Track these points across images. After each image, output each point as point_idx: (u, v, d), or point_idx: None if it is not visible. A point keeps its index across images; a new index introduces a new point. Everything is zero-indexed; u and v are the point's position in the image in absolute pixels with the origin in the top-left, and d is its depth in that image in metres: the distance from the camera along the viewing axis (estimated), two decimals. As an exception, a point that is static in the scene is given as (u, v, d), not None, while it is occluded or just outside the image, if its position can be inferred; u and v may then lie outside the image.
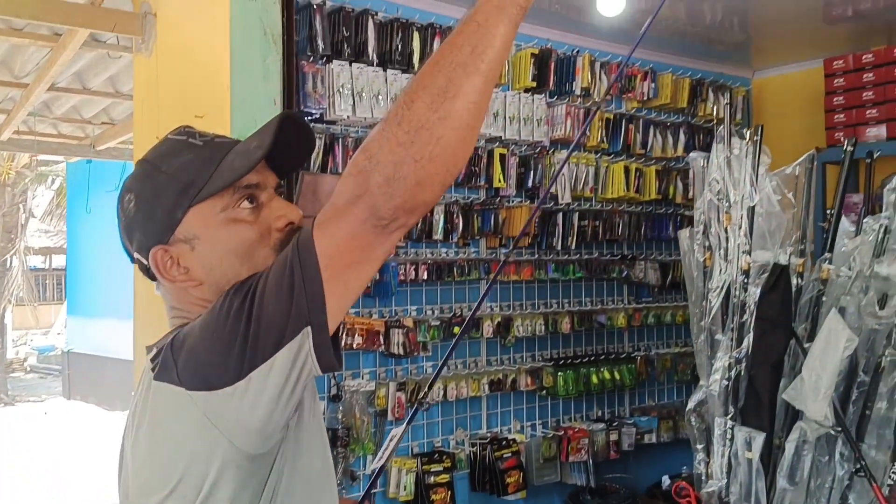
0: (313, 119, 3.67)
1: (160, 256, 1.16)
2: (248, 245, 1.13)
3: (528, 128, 4.33)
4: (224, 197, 1.13)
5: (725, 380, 2.14)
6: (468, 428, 4.31)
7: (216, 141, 1.18)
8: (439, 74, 0.95)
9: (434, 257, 4.14)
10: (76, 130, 5.50)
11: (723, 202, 2.19)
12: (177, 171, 1.14)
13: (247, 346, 0.98)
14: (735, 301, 2.16)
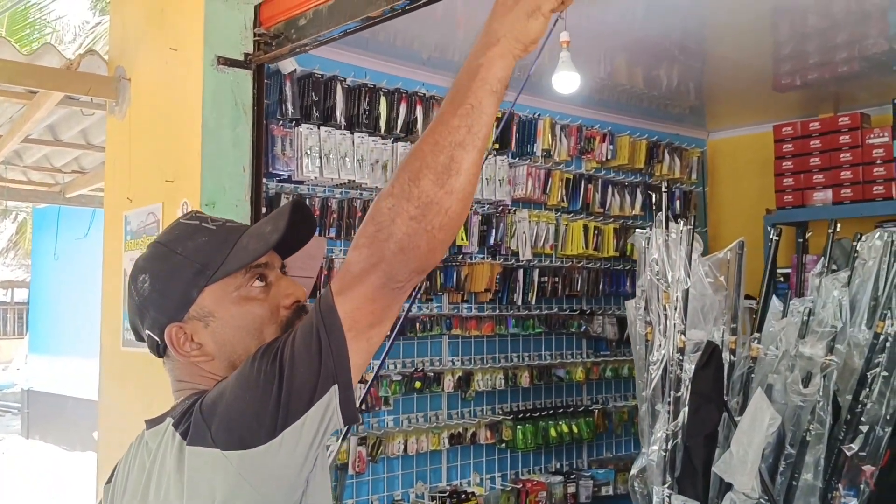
0: (281, 180, 3.79)
1: (175, 333, 1.21)
2: (260, 322, 1.20)
3: (491, 187, 4.48)
4: (238, 277, 1.20)
5: (663, 450, 2.27)
6: (428, 481, 4.38)
7: (228, 225, 1.26)
8: (441, 154, 1.04)
9: (397, 313, 4.23)
10: (46, 177, 5.55)
11: (661, 281, 2.34)
12: (192, 252, 1.21)
13: (279, 406, 1.04)
14: (672, 376, 2.30)
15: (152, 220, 3.19)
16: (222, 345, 1.21)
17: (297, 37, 2.84)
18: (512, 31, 1.11)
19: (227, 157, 2.97)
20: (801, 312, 2.29)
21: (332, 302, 1.07)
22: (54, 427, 12.75)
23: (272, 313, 1.21)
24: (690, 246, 2.32)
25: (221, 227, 1.24)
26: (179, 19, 3.09)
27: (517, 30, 1.11)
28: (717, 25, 3.91)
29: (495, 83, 1.08)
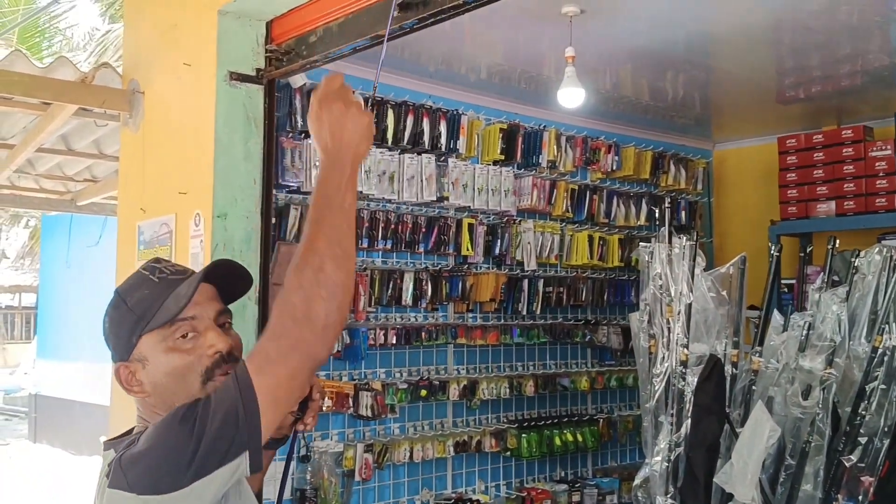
0: (290, 191, 3.85)
1: (122, 371, 1.38)
2: (182, 370, 1.34)
3: (496, 198, 4.54)
4: (166, 329, 1.34)
5: (666, 461, 2.31)
6: (433, 488, 4.42)
7: (170, 278, 1.38)
8: (337, 245, 1.26)
9: (403, 322, 4.30)
10: (58, 186, 5.62)
11: (664, 295, 2.39)
12: (135, 304, 1.36)
13: (193, 461, 1.18)
14: (675, 389, 2.34)
15: (165, 231, 3.25)
16: (155, 385, 1.36)
17: (307, 53, 2.89)
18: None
19: (239, 170, 3.03)
20: (802, 326, 2.34)
21: (249, 380, 1.20)
22: (61, 431, 12.81)
23: (194, 363, 1.34)
24: (693, 261, 2.36)
25: (164, 279, 1.38)
26: (193, 35, 3.15)
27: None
28: (721, 39, 3.96)
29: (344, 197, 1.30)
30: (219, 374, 1.33)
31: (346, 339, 4.07)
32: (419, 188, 4.22)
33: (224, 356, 1.34)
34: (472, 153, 4.50)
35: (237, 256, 3.04)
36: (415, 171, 4.21)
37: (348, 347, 4.09)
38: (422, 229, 4.32)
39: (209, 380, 1.34)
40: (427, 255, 4.42)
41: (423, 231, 4.33)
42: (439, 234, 4.37)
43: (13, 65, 3.38)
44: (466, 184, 4.41)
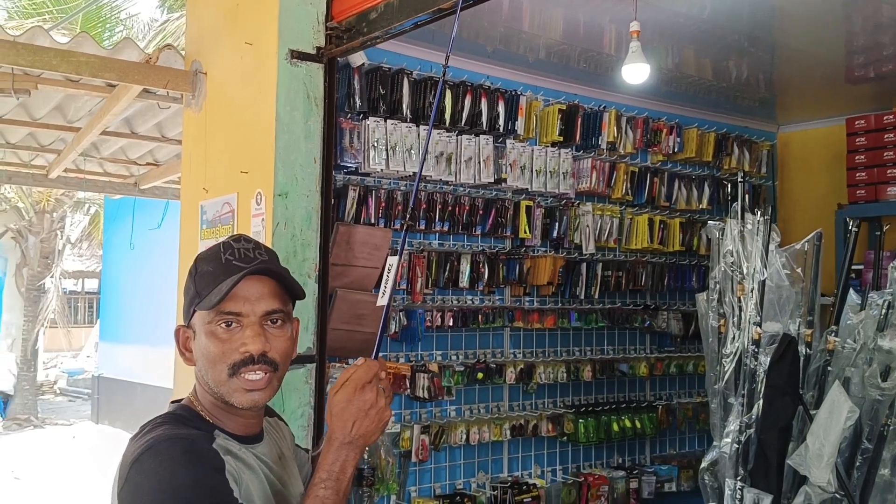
0: (349, 172, 3.86)
1: (181, 333, 1.44)
2: (213, 356, 1.36)
3: (555, 180, 4.48)
4: (211, 313, 1.37)
5: (736, 443, 2.25)
6: (489, 471, 4.41)
7: (233, 263, 1.38)
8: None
9: (460, 304, 4.28)
10: (121, 169, 5.74)
11: (736, 273, 2.32)
12: (198, 278, 1.40)
13: None
14: (746, 369, 2.27)
15: (227, 210, 3.28)
16: (197, 359, 1.40)
17: (368, 30, 2.88)
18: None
19: (300, 149, 3.03)
20: (880, 305, 2.24)
21: None
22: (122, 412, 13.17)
23: (224, 354, 1.35)
24: (768, 236, 2.28)
25: (228, 263, 1.38)
26: (254, 14, 3.16)
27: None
28: (788, 15, 3.83)
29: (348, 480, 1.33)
30: (245, 371, 1.35)
31: (404, 320, 4.07)
32: (477, 170, 4.19)
33: (254, 357, 1.34)
34: (530, 134, 4.45)
35: (297, 235, 3.06)
36: (472, 153, 4.18)
37: (405, 329, 4.09)
38: (479, 211, 4.29)
39: (235, 374, 1.35)
40: (484, 237, 4.39)
41: (480, 213, 4.30)
42: (497, 216, 4.33)
43: (80, 46, 3.44)
44: (524, 165, 4.36)
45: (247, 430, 1.43)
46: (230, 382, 1.35)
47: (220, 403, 1.40)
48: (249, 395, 1.35)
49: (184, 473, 1.24)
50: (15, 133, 5.01)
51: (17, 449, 11.90)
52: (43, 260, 14.53)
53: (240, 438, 1.41)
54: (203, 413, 1.41)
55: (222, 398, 1.37)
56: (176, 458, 1.25)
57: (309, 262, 3.10)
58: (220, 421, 1.40)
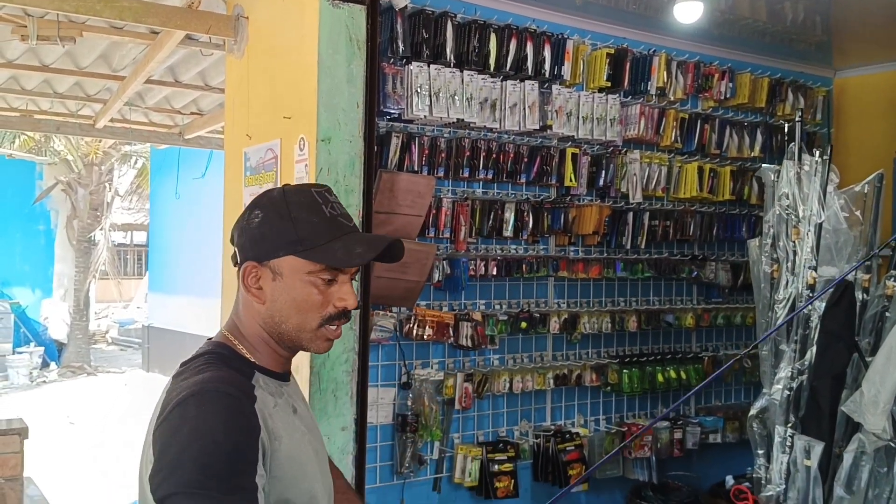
0: (392, 118, 3.81)
1: (249, 269, 1.44)
2: (309, 305, 1.41)
3: (601, 127, 4.38)
4: (315, 265, 1.40)
5: (787, 389, 2.19)
6: (532, 420, 4.41)
7: (339, 220, 1.43)
8: None
9: (504, 254, 4.24)
10: (165, 119, 5.78)
11: (791, 217, 2.23)
12: (300, 224, 1.40)
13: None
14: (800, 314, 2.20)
15: (271, 157, 3.28)
16: (273, 301, 1.42)
17: (411, -31, 2.81)
18: None
19: (342, 93, 3.00)
20: (944, 250, 2.16)
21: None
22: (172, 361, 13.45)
23: (322, 305, 1.41)
24: (826, 177, 2.20)
25: (334, 217, 1.42)
26: (295, -45, 3.11)
27: None
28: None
29: None
30: (333, 325, 1.42)
31: (447, 269, 4.06)
32: (521, 116, 4.11)
33: (347, 312, 1.44)
34: (576, 80, 4.34)
35: (341, 182, 3.04)
36: (517, 99, 4.09)
37: (448, 278, 4.07)
38: (524, 159, 4.22)
39: (325, 325, 1.41)
40: (529, 185, 4.33)
41: (524, 161, 4.23)
42: (542, 164, 4.26)
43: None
44: (571, 112, 4.26)
45: (283, 367, 1.50)
46: (317, 331, 1.42)
47: (273, 343, 1.45)
48: (327, 344, 1.46)
49: (222, 430, 1.26)
50: (62, 82, 5.06)
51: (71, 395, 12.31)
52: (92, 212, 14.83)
53: (276, 375, 1.47)
54: (243, 351, 1.46)
55: (296, 342, 1.44)
56: (218, 413, 1.28)
57: (353, 208, 3.08)
58: (262, 358, 1.46)
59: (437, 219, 3.97)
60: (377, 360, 3.90)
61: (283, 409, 1.42)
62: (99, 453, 8.64)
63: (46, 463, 7.40)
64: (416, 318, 3.95)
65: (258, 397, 1.36)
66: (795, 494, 2.21)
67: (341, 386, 3.08)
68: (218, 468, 1.22)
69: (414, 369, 4.01)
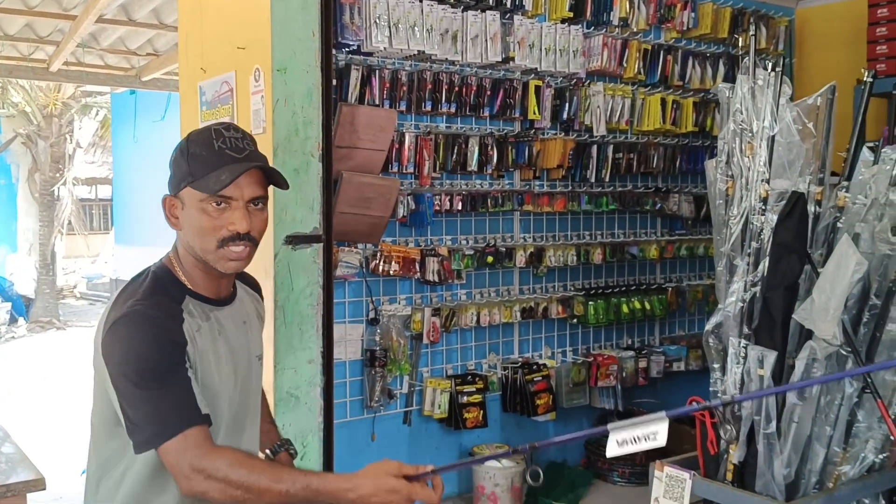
0: (351, 51, 3.75)
1: (167, 201, 1.68)
2: (205, 230, 1.60)
3: (564, 59, 4.35)
4: (202, 193, 1.60)
5: (741, 302, 2.23)
6: (500, 353, 4.47)
7: (226, 152, 1.60)
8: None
9: (469, 188, 4.24)
10: (122, 62, 5.64)
11: (745, 132, 2.24)
12: (191, 159, 1.61)
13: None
14: (753, 227, 2.23)
15: (226, 90, 3.22)
16: (185, 227, 1.65)
17: None
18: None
19: (296, 21, 2.95)
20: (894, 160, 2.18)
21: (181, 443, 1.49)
22: (142, 313, 13.35)
23: (216, 229, 1.59)
24: (779, 90, 2.20)
25: (222, 152, 1.59)
26: None
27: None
28: None
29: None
30: (231, 245, 1.60)
31: (412, 204, 4.05)
32: (483, 48, 4.06)
33: (240, 234, 1.60)
34: (538, 10, 4.29)
35: (299, 113, 3.00)
36: (479, 30, 4.04)
37: (414, 213, 4.07)
38: (487, 92, 4.19)
39: (222, 246, 1.60)
40: (492, 119, 4.31)
41: (488, 94, 4.20)
42: (505, 97, 4.23)
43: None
44: (533, 43, 4.22)
45: (218, 292, 1.71)
46: (217, 252, 1.61)
47: (200, 266, 1.66)
48: (232, 264, 1.63)
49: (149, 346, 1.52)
50: (12, 23, 4.91)
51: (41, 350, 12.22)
52: (54, 165, 14.54)
53: (210, 301, 1.69)
54: (179, 274, 1.67)
55: (207, 263, 1.64)
56: (145, 332, 1.53)
57: (312, 140, 3.05)
58: (196, 282, 1.67)
59: (401, 153, 3.95)
60: (344, 297, 3.92)
61: (206, 333, 1.64)
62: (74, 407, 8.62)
63: (23, 419, 7.37)
64: (381, 254, 3.95)
65: (185, 320, 1.59)
66: (749, 404, 2.27)
67: (307, 319, 3.08)
68: (151, 374, 1.50)
69: (381, 305, 4.03)
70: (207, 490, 1.48)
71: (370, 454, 4.05)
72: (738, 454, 2.28)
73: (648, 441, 1.49)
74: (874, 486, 2.41)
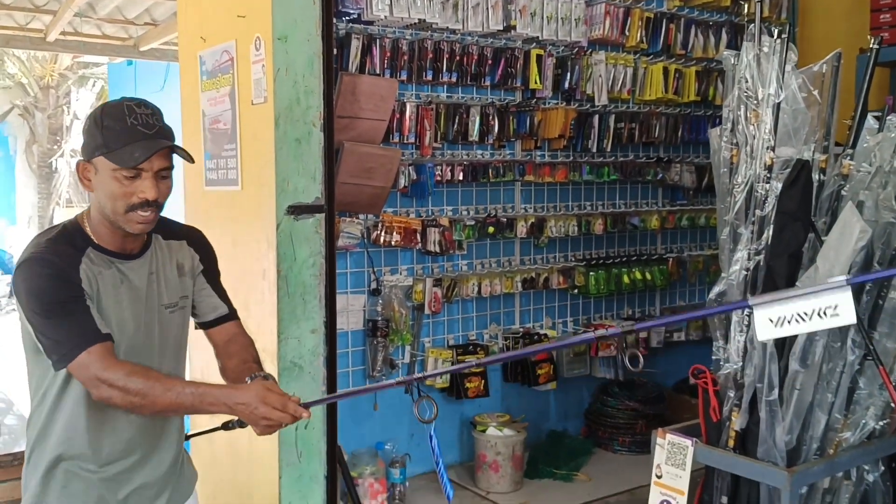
0: (351, 20, 3.72)
1: (81, 166, 1.83)
2: (115, 195, 1.76)
3: (566, 27, 4.31)
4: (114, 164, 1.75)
5: (745, 270, 2.24)
6: (501, 323, 4.48)
7: (138, 129, 1.75)
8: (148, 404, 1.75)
9: (470, 159, 4.22)
10: (119, 31, 5.58)
11: (751, 100, 2.23)
12: (104, 131, 1.76)
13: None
14: (757, 195, 2.23)
15: (227, 59, 3.19)
16: (97, 191, 1.81)
17: None
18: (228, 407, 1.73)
19: (298, -12, 2.91)
20: (899, 127, 2.17)
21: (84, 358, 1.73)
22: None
23: (126, 195, 1.76)
24: (784, 57, 2.19)
25: (134, 128, 1.75)
26: None
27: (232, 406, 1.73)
28: None
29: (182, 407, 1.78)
30: (140, 211, 1.77)
31: (413, 175, 4.04)
32: (485, 16, 4.03)
33: (149, 201, 1.77)
34: (541, -22, 4.24)
35: (300, 82, 2.97)
36: (480, -2, 4.01)
37: (415, 184, 4.06)
38: (488, 61, 4.17)
39: (131, 211, 1.77)
40: (493, 89, 4.29)
41: (489, 63, 4.17)
42: (506, 66, 4.21)
43: None
44: (535, 12, 4.18)
45: (122, 247, 1.86)
46: (126, 216, 1.78)
47: (106, 224, 1.82)
48: (139, 226, 1.80)
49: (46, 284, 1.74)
50: (7, -8, 4.86)
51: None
52: (51, 136, 14.48)
53: (114, 254, 1.85)
54: (87, 229, 1.85)
55: (116, 224, 1.80)
56: (42, 273, 1.74)
57: (313, 109, 3.03)
58: (100, 237, 1.84)
59: (402, 123, 3.93)
60: (346, 268, 3.92)
61: (108, 279, 1.82)
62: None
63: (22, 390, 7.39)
64: (383, 225, 3.95)
65: (83, 263, 1.79)
66: (752, 371, 2.27)
67: (309, 290, 3.08)
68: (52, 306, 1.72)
69: (383, 275, 4.03)
70: (111, 396, 1.71)
71: (372, 423, 4.08)
72: (740, 421, 2.30)
73: (827, 318, 1.08)
74: (874, 453, 2.43)
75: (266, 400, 1.68)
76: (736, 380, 2.32)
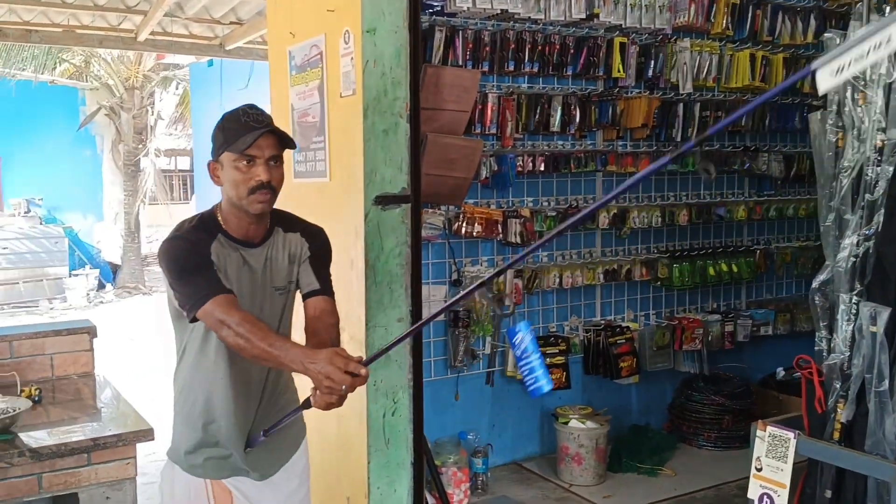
0: (434, 12, 3.73)
1: (212, 166, 2.12)
2: (237, 182, 2.03)
3: (650, 14, 4.24)
4: (235, 154, 2.03)
5: (853, 257, 2.15)
6: (582, 315, 4.44)
7: (250, 124, 2.04)
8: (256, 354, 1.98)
9: (551, 149, 4.20)
10: (206, 30, 5.74)
11: (858, 81, 2.15)
12: (225, 130, 2.07)
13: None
14: (868, 179, 2.14)
15: (316, 53, 3.24)
16: (224, 183, 2.08)
17: None
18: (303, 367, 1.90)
19: (386, -19, 2.93)
20: None
21: (210, 310, 1.99)
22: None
23: (245, 181, 2.03)
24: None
25: (246, 124, 2.04)
26: None
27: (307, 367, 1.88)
28: None
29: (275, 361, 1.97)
30: (258, 194, 2.02)
31: (494, 166, 4.04)
32: (567, 5, 3.99)
33: (263, 183, 2.02)
34: (624, -35, 4.18)
35: (387, 73, 3.00)
36: (562, -13, 3.97)
37: (496, 175, 4.06)
38: (570, 51, 4.13)
39: (252, 194, 2.02)
40: (575, 78, 4.25)
41: (571, 53, 4.13)
42: (588, 55, 4.16)
43: None
44: (618, 0, 4.12)
45: (246, 235, 2.12)
46: (248, 199, 2.03)
47: (235, 211, 2.09)
48: (260, 206, 2.05)
49: (182, 257, 2.04)
50: (101, -6, 5.04)
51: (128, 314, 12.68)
52: (137, 136, 14.96)
53: (239, 241, 2.11)
54: (219, 218, 2.12)
55: (241, 208, 2.06)
56: (179, 248, 2.05)
57: (400, 101, 3.05)
58: (230, 225, 2.11)
59: (483, 114, 3.93)
60: (428, 259, 3.94)
61: (233, 261, 2.09)
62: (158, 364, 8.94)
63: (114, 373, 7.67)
64: (464, 216, 3.96)
65: (214, 245, 2.07)
66: (860, 361, 2.19)
67: (396, 279, 3.10)
68: (186, 269, 2.02)
69: (464, 266, 4.04)
70: (226, 336, 1.97)
71: (454, 413, 4.10)
72: (846, 413, 2.22)
73: (881, 48, 1.07)
74: None
75: (332, 361, 1.82)
76: (843, 370, 2.23)
